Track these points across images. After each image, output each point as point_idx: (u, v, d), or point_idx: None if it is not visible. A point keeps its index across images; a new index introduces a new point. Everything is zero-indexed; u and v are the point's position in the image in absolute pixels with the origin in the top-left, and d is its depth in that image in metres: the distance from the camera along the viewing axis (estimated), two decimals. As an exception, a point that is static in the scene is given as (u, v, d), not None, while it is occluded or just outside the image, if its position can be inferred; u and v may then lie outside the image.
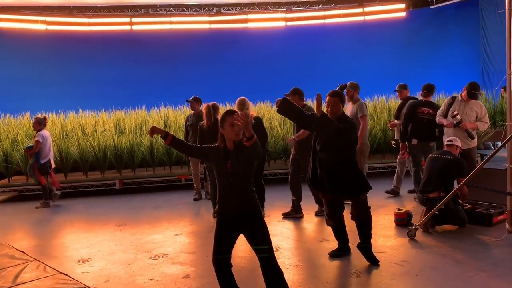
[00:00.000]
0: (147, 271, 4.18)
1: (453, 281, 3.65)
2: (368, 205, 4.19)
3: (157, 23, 14.58)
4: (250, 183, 3.15)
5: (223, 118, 3.13)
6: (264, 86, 12.99)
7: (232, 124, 3.05)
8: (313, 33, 14.77)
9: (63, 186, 7.94)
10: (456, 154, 5.24)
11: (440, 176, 5.04)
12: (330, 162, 4.08)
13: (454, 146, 5.29)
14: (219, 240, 3.14)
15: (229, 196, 3.12)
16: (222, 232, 3.15)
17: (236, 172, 3.07)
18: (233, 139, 3.10)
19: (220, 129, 3.14)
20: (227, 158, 3.09)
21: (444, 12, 14.46)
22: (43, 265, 4.37)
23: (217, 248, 3.14)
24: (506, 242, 4.52)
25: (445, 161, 5.09)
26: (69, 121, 10.17)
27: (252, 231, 3.15)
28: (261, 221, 3.16)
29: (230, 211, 3.13)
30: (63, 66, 13.48)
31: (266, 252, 3.11)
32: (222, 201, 3.16)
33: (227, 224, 3.16)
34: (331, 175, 4.09)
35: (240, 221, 3.12)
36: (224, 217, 3.17)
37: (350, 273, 3.92)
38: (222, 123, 3.12)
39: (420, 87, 6.63)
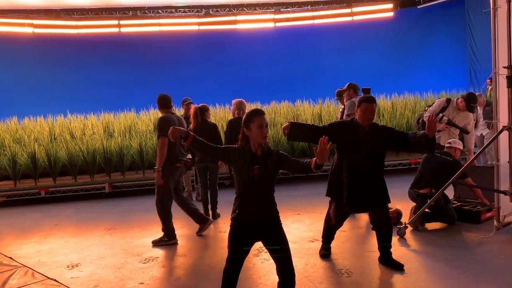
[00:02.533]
0: (137, 275, 4.15)
1: (443, 279, 3.67)
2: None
3: (146, 25, 14.54)
4: (273, 190, 2.99)
5: (249, 118, 2.89)
6: (254, 87, 13.02)
7: (260, 125, 2.84)
8: (302, 34, 14.83)
9: (51, 190, 7.86)
10: (456, 156, 5.26)
11: (435, 173, 5.07)
12: (373, 173, 3.92)
13: (453, 148, 5.32)
14: (236, 248, 2.94)
15: (252, 204, 2.91)
16: (240, 240, 2.95)
17: (263, 179, 2.90)
18: (260, 142, 2.88)
19: (245, 131, 2.90)
20: (254, 162, 2.87)
21: (431, 11, 14.61)
22: (31, 271, 4.33)
23: (233, 256, 2.94)
24: (494, 239, 4.56)
25: (442, 161, 5.12)
26: (57, 124, 10.08)
27: (270, 239, 2.98)
28: (280, 228, 3.01)
29: (253, 220, 2.93)
30: (51, 69, 13.37)
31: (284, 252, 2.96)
32: (243, 209, 2.92)
33: (245, 232, 2.95)
34: (370, 187, 3.91)
35: (259, 229, 2.95)
36: (242, 225, 2.95)
37: (340, 273, 3.92)
38: (248, 124, 2.87)
39: (409, 86, 6.64)
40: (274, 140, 8.52)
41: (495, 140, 4.71)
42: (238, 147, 2.96)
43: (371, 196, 3.92)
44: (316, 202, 6.45)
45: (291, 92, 12.11)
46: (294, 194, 7.36)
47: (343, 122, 4.15)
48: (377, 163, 3.95)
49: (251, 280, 3.86)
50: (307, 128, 3.91)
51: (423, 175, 5.18)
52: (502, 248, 4.32)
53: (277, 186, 3.03)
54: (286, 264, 2.97)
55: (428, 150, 3.76)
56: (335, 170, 4.05)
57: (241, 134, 2.96)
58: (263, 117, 2.88)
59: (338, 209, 4.08)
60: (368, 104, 3.83)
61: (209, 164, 5.90)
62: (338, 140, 3.91)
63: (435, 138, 3.72)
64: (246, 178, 2.89)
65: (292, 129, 3.76)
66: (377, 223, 4.09)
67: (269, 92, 12.54)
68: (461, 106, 5.75)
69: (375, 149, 3.87)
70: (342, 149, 3.97)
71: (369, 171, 3.89)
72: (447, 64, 14.30)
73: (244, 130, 2.92)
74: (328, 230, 4.36)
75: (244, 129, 2.92)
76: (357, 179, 3.89)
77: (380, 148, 3.92)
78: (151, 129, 9.50)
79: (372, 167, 3.90)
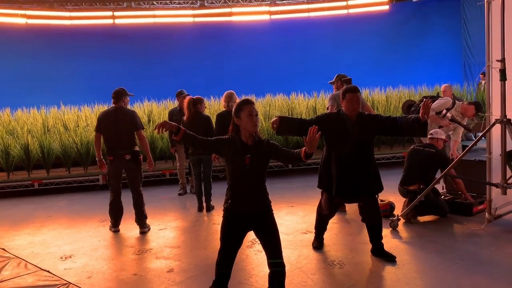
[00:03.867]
0: (130, 266, 4.15)
1: (434, 270, 3.71)
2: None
3: (140, 16, 14.42)
4: (264, 180, 3.03)
5: (239, 107, 2.94)
6: (248, 80, 12.99)
7: (250, 113, 2.90)
8: (297, 26, 14.78)
9: (45, 182, 7.83)
10: (439, 147, 5.28)
11: (421, 168, 5.08)
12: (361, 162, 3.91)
13: (435, 139, 5.32)
14: (229, 239, 2.98)
15: (245, 193, 2.95)
16: (233, 230, 2.98)
17: (255, 168, 2.92)
18: (251, 130, 2.93)
19: (235, 120, 2.95)
20: (245, 152, 2.90)
21: (427, 5, 14.60)
22: (24, 262, 4.32)
23: (225, 246, 2.98)
24: (486, 231, 4.61)
25: (427, 154, 5.12)
26: (50, 116, 10.02)
27: (262, 229, 3.02)
28: (272, 218, 3.05)
29: (246, 210, 2.96)
30: (44, 60, 13.25)
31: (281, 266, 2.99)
32: (236, 199, 2.95)
33: (237, 222, 2.98)
34: (360, 176, 3.91)
35: (252, 219, 2.98)
36: (235, 215, 2.97)
37: (333, 264, 3.95)
38: (238, 113, 2.92)
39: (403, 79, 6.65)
40: (268, 133, 8.51)
41: (488, 133, 4.74)
42: (229, 138, 2.98)
43: (361, 186, 3.93)
44: (310, 194, 6.47)
45: (286, 85, 12.09)
46: (288, 186, 7.38)
47: (330, 114, 4.15)
48: (366, 152, 3.94)
49: (244, 271, 3.88)
50: (295, 122, 3.93)
51: (410, 171, 5.18)
52: (493, 240, 4.37)
53: (270, 178, 3.06)
54: (276, 254, 2.99)
55: (422, 134, 3.79)
56: (324, 162, 4.07)
57: (232, 124, 2.98)
58: (253, 106, 2.94)
59: (329, 200, 4.11)
60: (352, 94, 3.85)
61: (203, 157, 5.90)
62: (326, 132, 3.92)
63: (427, 122, 3.74)
64: (237, 167, 2.91)
65: (280, 123, 3.78)
66: (366, 214, 4.11)
67: (264, 84, 12.52)
68: (470, 114, 5.76)
69: (362, 139, 3.89)
70: (330, 140, 3.99)
71: (357, 161, 3.90)
72: (441, 57, 14.32)
73: (234, 119, 2.95)
74: (320, 220, 4.38)
75: (234, 118, 2.95)
76: (346, 170, 3.90)
77: (368, 137, 3.94)
78: (145, 121, 9.47)
79: (360, 156, 3.91)
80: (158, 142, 8.40)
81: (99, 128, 5.30)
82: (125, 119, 5.18)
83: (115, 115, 5.20)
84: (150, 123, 9.30)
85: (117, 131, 5.15)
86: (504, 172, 4.53)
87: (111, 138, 5.20)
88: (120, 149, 5.16)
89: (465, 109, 5.78)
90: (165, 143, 8.13)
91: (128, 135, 5.18)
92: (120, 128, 5.15)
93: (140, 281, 3.81)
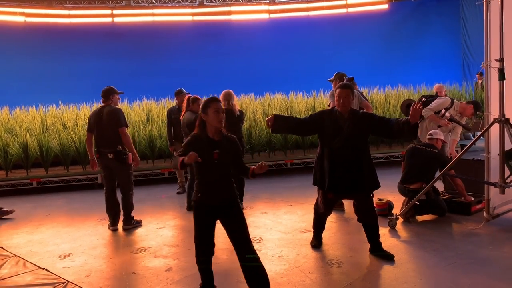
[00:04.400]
0: (129, 265, 4.15)
1: (432, 270, 3.72)
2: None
3: (139, 15, 14.40)
4: (230, 172, 3.22)
5: (207, 104, 3.13)
6: (247, 78, 12.98)
7: (217, 110, 3.09)
8: (296, 25, 14.78)
9: (43, 181, 7.82)
10: (439, 147, 5.30)
11: (423, 168, 5.10)
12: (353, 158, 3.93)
13: (435, 139, 5.34)
14: (203, 230, 3.16)
15: (215, 186, 3.13)
16: (206, 222, 3.16)
17: (223, 162, 3.11)
18: (217, 126, 3.12)
19: (202, 115, 3.13)
20: (212, 147, 3.09)
21: (426, 4, 14.61)
22: (22, 261, 4.32)
23: (201, 239, 3.16)
24: (484, 230, 4.62)
25: (428, 154, 5.13)
26: (49, 115, 10.00)
27: (231, 218, 3.18)
28: (239, 207, 3.23)
29: (215, 201, 3.14)
30: (43, 59, 13.23)
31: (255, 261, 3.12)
32: (205, 191, 3.13)
33: (209, 213, 3.15)
34: (353, 172, 3.93)
35: (221, 209, 3.16)
36: (206, 207, 3.15)
37: (331, 263, 3.96)
38: (206, 109, 3.11)
39: (402, 78, 6.65)
40: (267, 131, 8.52)
41: (486, 133, 4.75)
42: (195, 136, 3.14)
43: (353, 182, 3.95)
44: (308, 193, 6.47)
45: (285, 84, 12.09)
46: (287, 185, 7.38)
47: (324, 111, 4.18)
48: (358, 149, 3.95)
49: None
50: (290, 120, 3.99)
51: (410, 170, 5.19)
52: (492, 239, 4.38)
53: (269, 177, 3.10)
54: (249, 247, 3.13)
55: (411, 136, 3.81)
56: (318, 158, 4.13)
57: (199, 121, 3.16)
58: (219, 104, 3.15)
59: (324, 196, 4.15)
60: (341, 90, 3.91)
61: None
62: (320, 129, 4.01)
63: (417, 124, 3.77)
64: (206, 162, 3.06)
65: (275, 121, 3.84)
66: (361, 213, 4.12)
67: (263, 83, 12.51)
68: (469, 113, 5.75)
69: (354, 135, 3.91)
70: (323, 137, 4.04)
71: (349, 157, 3.93)
72: (440, 57, 14.33)
73: (201, 115, 3.14)
74: (317, 219, 4.40)
75: (201, 114, 3.14)
76: (337, 165, 3.95)
77: (360, 134, 3.94)
78: (144, 120, 9.46)
79: (352, 153, 3.93)
80: (157, 140, 8.40)
81: (89, 128, 5.39)
82: (109, 117, 5.21)
83: (100, 114, 5.26)
84: (149, 122, 9.29)
85: (100, 129, 5.22)
86: (502, 171, 4.54)
87: (96, 137, 5.31)
88: (104, 147, 5.21)
89: (463, 108, 5.77)
90: (164, 142, 8.13)
91: (111, 133, 5.18)
92: (104, 126, 5.20)
93: (138, 279, 3.81)
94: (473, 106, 5.74)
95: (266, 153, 8.69)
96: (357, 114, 3.98)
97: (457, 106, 5.81)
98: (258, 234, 4.87)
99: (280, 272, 3.80)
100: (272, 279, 3.62)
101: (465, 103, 5.89)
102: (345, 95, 3.88)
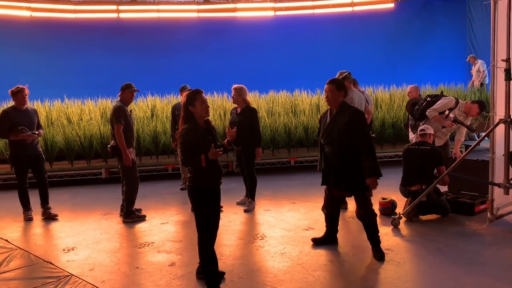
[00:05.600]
0: (132, 260, 4.18)
1: (434, 269, 3.72)
2: (371, 203, 4.11)
3: (144, 11, 14.39)
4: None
5: (193, 96, 3.38)
6: (252, 76, 12.94)
7: (203, 101, 3.39)
8: (301, 23, 14.73)
9: (48, 175, 7.83)
10: (430, 142, 5.28)
11: (420, 168, 5.08)
12: (336, 155, 3.99)
13: (427, 134, 5.29)
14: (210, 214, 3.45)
15: (212, 169, 3.40)
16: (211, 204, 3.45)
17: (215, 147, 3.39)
18: (205, 116, 3.44)
19: (190, 108, 3.35)
20: (207, 135, 3.43)
21: (432, 4, 14.53)
22: (27, 254, 4.35)
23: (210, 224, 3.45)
24: (487, 231, 4.61)
25: (423, 153, 5.11)
26: (54, 109, 10.03)
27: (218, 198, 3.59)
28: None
29: (212, 181, 3.44)
30: (48, 53, 13.24)
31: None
32: (210, 174, 3.39)
33: (208, 193, 3.43)
34: (336, 169, 4.01)
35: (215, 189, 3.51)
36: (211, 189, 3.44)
37: (335, 261, 3.96)
38: (193, 102, 3.36)
39: (408, 78, 6.62)
40: (271, 128, 8.52)
41: (491, 133, 4.73)
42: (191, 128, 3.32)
43: (336, 179, 4.05)
44: (311, 191, 6.48)
45: (289, 82, 12.06)
46: (290, 183, 7.38)
47: (325, 112, 4.29)
48: (341, 147, 3.96)
49: (246, 266, 3.89)
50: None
51: (409, 172, 5.18)
52: (495, 240, 4.37)
53: (273, 175, 3.12)
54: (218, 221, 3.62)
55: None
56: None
57: (185, 113, 3.37)
58: (203, 95, 3.44)
59: (325, 192, 4.33)
60: (326, 85, 4.06)
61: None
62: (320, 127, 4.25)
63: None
64: (203, 148, 3.31)
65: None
66: (356, 211, 4.15)
67: (267, 81, 12.48)
68: (474, 113, 5.71)
69: (336, 131, 3.96)
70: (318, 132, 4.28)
71: (333, 153, 4.04)
72: (446, 57, 14.24)
73: (189, 108, 3.35)
74: (325, 217, 4.45)
75: (189, 107, 3.35)
76: (326, 161, 4.14)
77: (343, 130, 3.92)
78: (148, 116, 9.48)
79: (337, 149, 4.00)
80: (161, 136, 8.41)
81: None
82: (111, 112, 5.47)
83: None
84: (154, 118, 9.32)
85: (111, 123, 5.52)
86: (506, 172, 4.52)
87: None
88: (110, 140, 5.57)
89: (468, 108, 5.74)
90: (168, 138, 8.14)
91: (112, 128, 5.43)
92: (110, 120, 5.52)
93: (141, 274, 3.83)
94: (478, 105, 5.70)
95: (269, 150, 8.69)
96: (342, 112, 3.98)
97: (462, 106, 5.78)
98: (261, 231, 4.89)
99: (282, 269, 3.81)
100: (275, 276, 3.64)
101: (470, 102, 5.86)
102: (327, 90, 4.03)
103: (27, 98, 5.78)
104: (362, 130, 3.94)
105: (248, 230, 4.98)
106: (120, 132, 5.32)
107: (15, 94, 5.70)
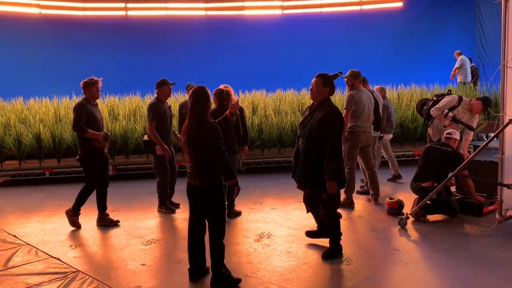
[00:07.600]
0: (139, 256, 4.19)
1: (442, 270, 3.69)
2: (338, 205, 4.04)
3: (153, 9, 14.44)
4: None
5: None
6: (259, 74, 12.94)
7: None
8: (309, 22, 14.70)
9: (56, 171, 7.91)
10: (454, 147, 5.26)
11: (436, 166, 5.06)
12: (305, 150, 3.96)
13: (453, 139, 5.30)
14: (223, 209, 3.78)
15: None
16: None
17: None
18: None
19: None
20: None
21: (441, 2, 14.43)
22: (34, 249, 4.38)
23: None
24: (496, 232, 4.57)
25: (443, 153, 5.10)
26: (62, 106, 10.07)
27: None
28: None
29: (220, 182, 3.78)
30: (57, 50, 13.33)
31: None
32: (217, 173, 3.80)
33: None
34: (301, 163, 4.04)
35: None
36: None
37: (341, 260, 3.95)
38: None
39: (416, 77, 6.60)
40: (278, 127, 8.51)
41: (501, 134, 4.69)
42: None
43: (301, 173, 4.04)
44: (319, 190, 6.45)
45: (296, 80, 12.00)
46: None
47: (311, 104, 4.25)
48: (312, 143, 3.89)
49: (251, 264, 3.89)
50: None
51: (424, 169, 5.16)
52: (503, 241, 4.33)
53: (279, 174, 3.09)
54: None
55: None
56: None
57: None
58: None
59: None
60: (313, 78, 4.02)
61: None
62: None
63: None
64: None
65: None
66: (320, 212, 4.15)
67: (275, 79, 12.46)
68: (478, 110, 5.66)
69: (309, 125, 3.93)
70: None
71: (303, 148, 3.99)
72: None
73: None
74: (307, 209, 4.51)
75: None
76: (297, 154, 4.11)
77: (313, 126, 3.88)
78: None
79: (306, 144, 3.95)
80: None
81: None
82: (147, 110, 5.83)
83: None
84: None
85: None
86: (516, 173, 4.48)
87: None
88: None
89: (472, 105, 5.72)
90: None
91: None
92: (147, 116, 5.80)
93: (148, 271, 3.84)
94: (481, 102, 5.66)
95: (276, 149, 8.68)
96: (320, 108, 3.92)
97: (465, 104, 5.75)
98: (267, 229, 4.88)
99: (289, 268, 3.80)
100: (281, 275, 3.63)
101: (474, 99, 5.82)
102: (313, 83, 4.01)
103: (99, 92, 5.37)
104: (331, 130, 3.81)
105: (254, 228, 4.98)
106: (152, 129, 5.45)
107: (89, 86, 5.33)
